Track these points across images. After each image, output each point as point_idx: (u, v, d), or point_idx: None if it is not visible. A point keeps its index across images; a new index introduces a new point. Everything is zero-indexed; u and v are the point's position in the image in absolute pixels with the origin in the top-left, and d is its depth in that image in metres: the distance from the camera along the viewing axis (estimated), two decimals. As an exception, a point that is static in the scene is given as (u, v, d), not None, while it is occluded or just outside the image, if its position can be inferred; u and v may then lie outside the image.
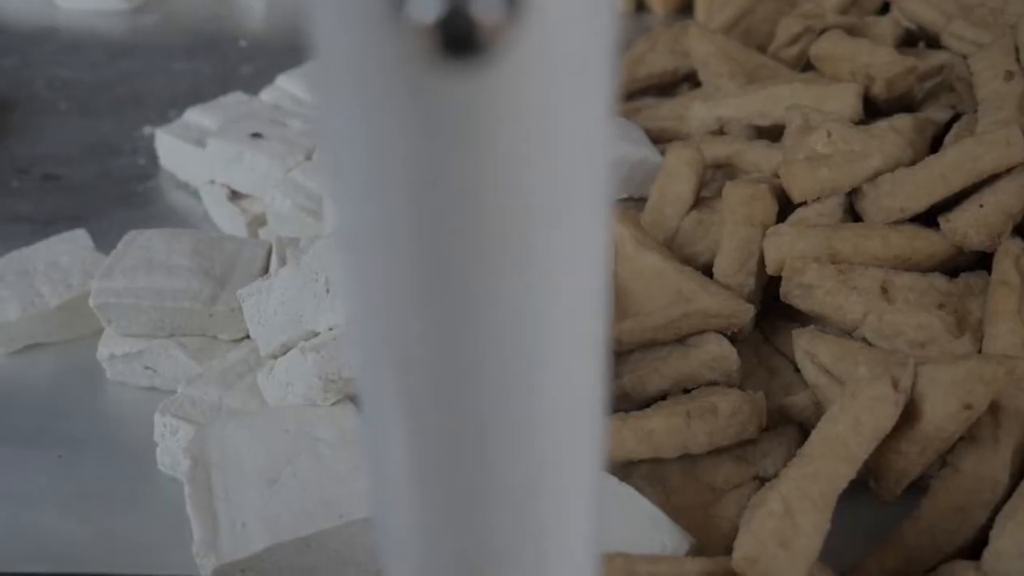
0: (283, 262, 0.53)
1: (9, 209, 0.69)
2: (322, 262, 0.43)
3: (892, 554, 0.40)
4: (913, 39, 0.70)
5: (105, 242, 0.59)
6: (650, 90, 0.76)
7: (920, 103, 0.61)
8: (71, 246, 0.59)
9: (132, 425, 0.50)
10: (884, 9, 0.75)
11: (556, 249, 0.16)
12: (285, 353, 0.44)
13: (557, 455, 0.19)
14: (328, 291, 0.42)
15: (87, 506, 0.46)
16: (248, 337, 0.52)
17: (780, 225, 0.49)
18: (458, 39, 0.13)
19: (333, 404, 0.43)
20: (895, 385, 0.40)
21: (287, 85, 0.76)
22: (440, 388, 0.17)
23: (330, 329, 0.43)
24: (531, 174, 0.14)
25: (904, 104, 0.61)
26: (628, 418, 0.43)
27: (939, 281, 0.47)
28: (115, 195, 0.70)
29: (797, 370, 0.48)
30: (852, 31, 0.66)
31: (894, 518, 0.41)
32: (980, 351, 0.45)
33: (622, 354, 0.51)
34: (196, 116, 0.72)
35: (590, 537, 0.21)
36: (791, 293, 0.47)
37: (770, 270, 0.48)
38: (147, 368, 0.52)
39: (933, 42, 0.68)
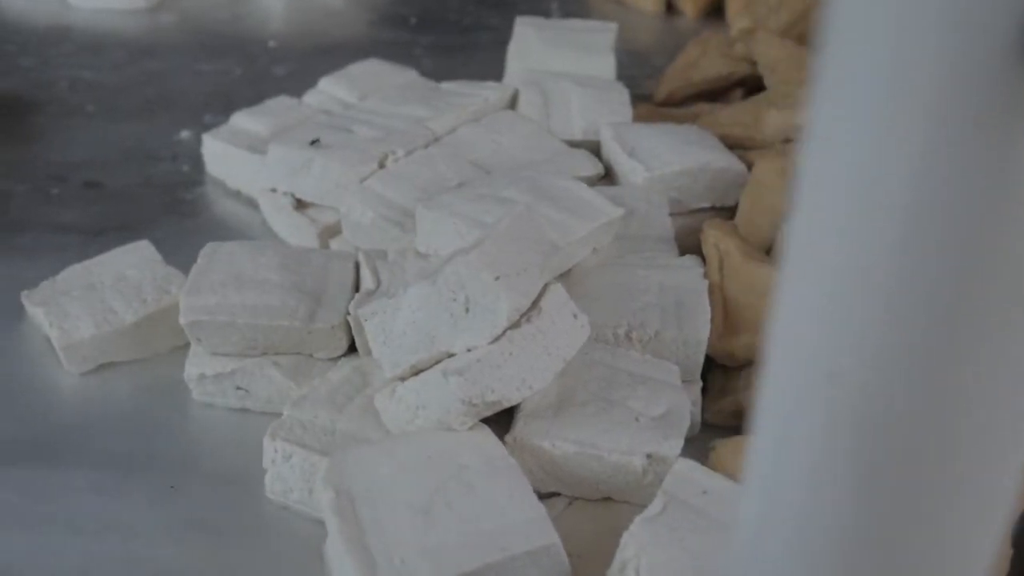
0: (376, 275, 0.51)
1: (53, 218, 0.65)
2: (460, 280, 0.41)
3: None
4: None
5: (163, 253, 0.57)
6: (702, 95, 0.75)
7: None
8: (136, 258, 0.56)
9: (229, 448, 0.48)
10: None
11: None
12: (415, 375, 0.42)
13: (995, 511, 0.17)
14: (467, 310, 0.41)
15: (198, 536, 0.44)
16: (345, 355, 0.51)
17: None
18: None
19: (469, 429, 0.41)
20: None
21: (331, 88, 0.73)
22: (907, 443, 0.16)
23: (468, 350, 0.41)
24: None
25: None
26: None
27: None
28: (163, 203, 0.67)
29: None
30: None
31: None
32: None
33: (737, 369, 0.50)
34: (243, 121, 0.69)
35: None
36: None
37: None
38: (239, 388, 0.50)
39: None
